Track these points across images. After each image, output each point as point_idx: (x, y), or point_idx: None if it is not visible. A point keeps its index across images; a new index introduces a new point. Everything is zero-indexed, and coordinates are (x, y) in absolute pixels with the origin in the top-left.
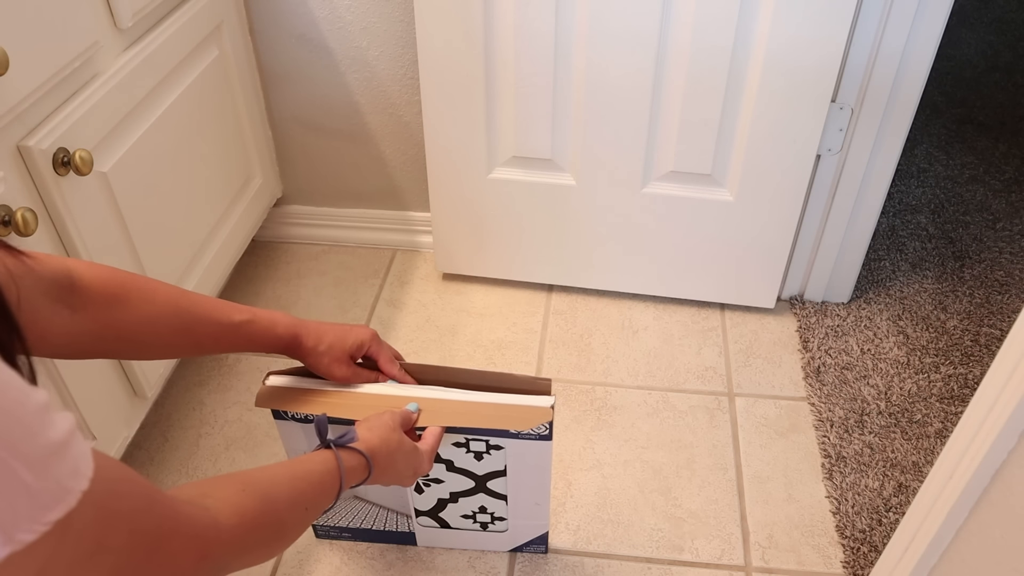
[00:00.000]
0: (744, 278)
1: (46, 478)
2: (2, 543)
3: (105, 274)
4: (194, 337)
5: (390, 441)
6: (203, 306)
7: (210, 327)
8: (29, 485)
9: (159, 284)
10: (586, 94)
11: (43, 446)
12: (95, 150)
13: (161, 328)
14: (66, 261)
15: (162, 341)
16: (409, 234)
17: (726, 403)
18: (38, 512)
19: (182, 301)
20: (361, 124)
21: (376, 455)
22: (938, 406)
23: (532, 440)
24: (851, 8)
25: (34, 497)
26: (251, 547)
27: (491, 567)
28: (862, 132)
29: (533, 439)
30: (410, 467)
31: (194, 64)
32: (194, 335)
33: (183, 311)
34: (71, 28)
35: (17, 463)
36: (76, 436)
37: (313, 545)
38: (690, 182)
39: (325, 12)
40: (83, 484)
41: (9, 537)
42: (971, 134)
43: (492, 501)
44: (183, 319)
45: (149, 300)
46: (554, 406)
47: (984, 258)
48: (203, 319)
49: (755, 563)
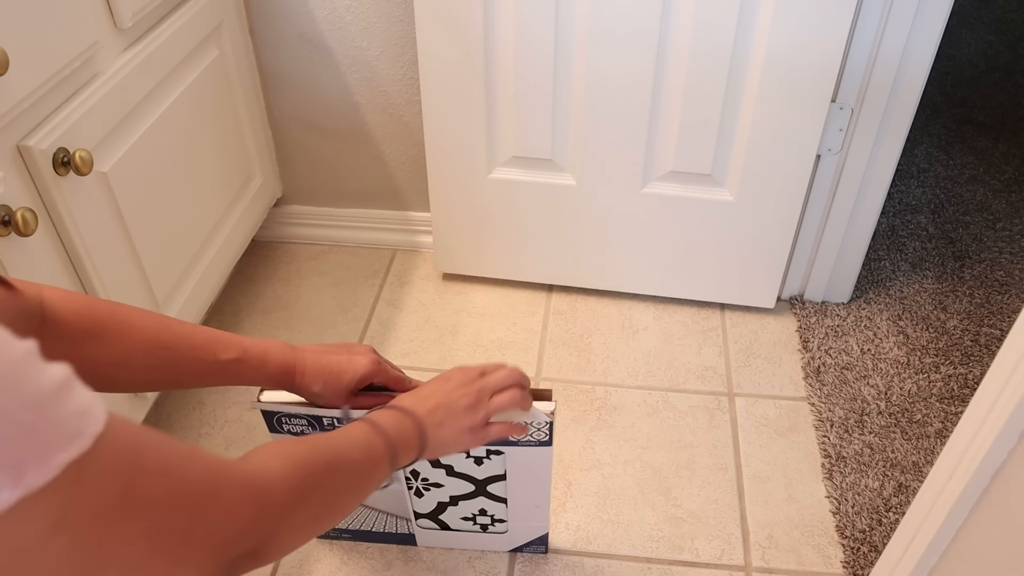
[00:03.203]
0: (744, 278)
1: (49, 418)
2: (10, 485)
3: (79, 307)
4: (173, 375)
5: (436, 392)
6: (186, 342)
7: (192, 365)
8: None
9: (138, 317)
10: (586, 94)
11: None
12: (95, 150)
13: (136, 367)
14: (41, 290)
15: (137, 379)
16: (409, 234)
17: (726, 403)
18: (45, 452)
19: (162, 337)
20: (361, 124)
21: (418, 409)
22: (938, 406)
23: (532, 446)
24: (851, 8)
25: (38, 437)
26: (306, 503)
27: (491, 567)
28: (862, 132)
29: (533, 445)
30: (466, 418)
31: (194, 64)
32: (173, 373)
33: (162, 348)
34: (71, 28)
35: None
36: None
37: (313, 545)
38: (690, 182)
39: (325, 12)
40: (95, 427)
41: (17, 479)
42: (971, 134)
43: (492, 504)
44: (161, 357)
45: (124, 337)
46: (554, 412)
47: (984, 258)
48: (184, 357)
49: (755, 563)
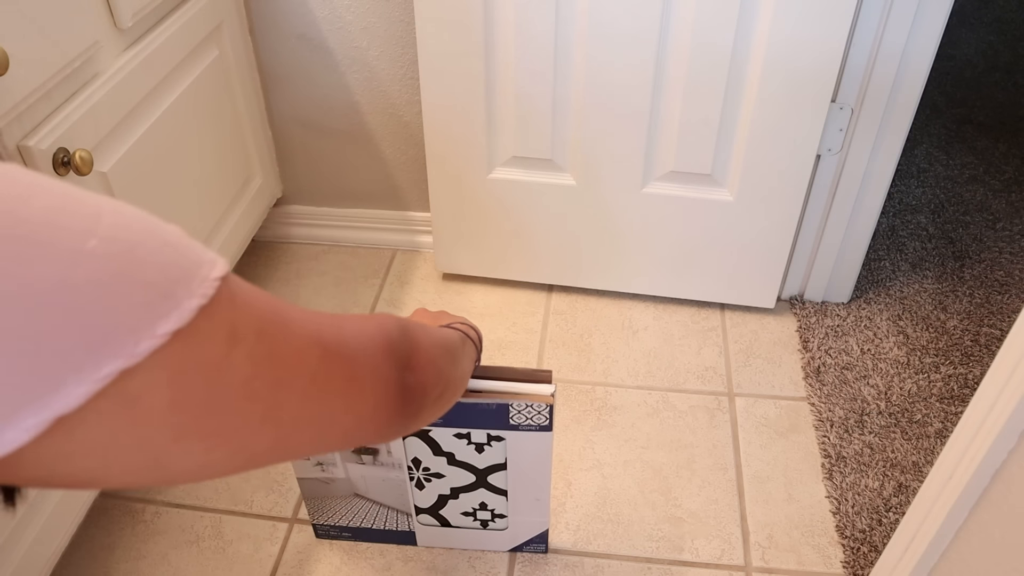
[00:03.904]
0: (744, 278)
1: (189, 245)
2: (187, 296)
3: None
4: None
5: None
6: None
7: None
8: (177, 249)
9: None
10: (586, 94)
11: (170, 228)
12: (95, 150)
13: None
14: None
15: None
16: (409, 234)
17: (726, 403)
18: (198, 270)
19: None
20: (361, 124)
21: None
22: (938, 406)
23: (532, 431)
24: (851, 8)
25: (186, 259)
26: (442, 355)
27: (491, 567)
28: (862, 132)
29: (534, 430)
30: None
31: (194, 64)
32: None
33: None
34: (71, 28)
35: (156, 240)
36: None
37: (313, 545)
38: (690, 182)
39: (325, 12)
40: (214, 272)
41: (188, 293)
42: (971, 134)
43: (492, 497)
44: None
45: None
46: (554, 394)
47: (984, 258)
48: None
49: (755, 563)
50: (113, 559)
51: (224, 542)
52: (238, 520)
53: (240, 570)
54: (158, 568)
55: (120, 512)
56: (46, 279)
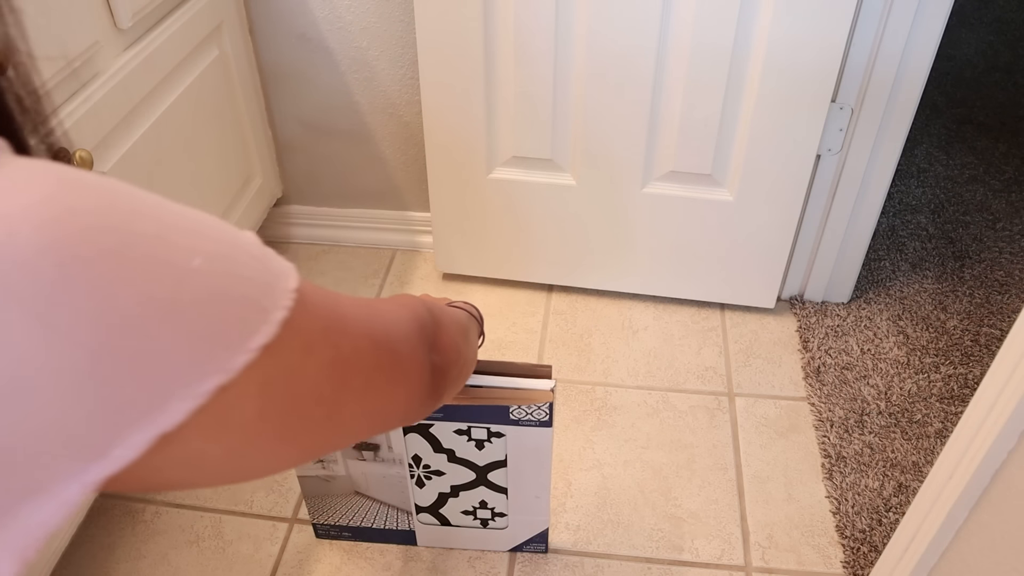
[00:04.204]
0: (744, 278)
1: (266, 256)
2: (272, 307)
3: None
4: None
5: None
6: None
7: None
8: (259, 263)
9: None
10: (586, 94)
11: (251, 240)
12: (95, 150)
13: None
14: None
15: None
16: (409, 234)
17: (726, 403)
18: (278, 282)
19: None
20: (361, 124)
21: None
22: (938, 406)
23: (532, 427)
24: (851, 8)
25: (268, 272)
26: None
27: (491, 567)
28: (862, 132)
29: (534, 425)
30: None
31: (194, 64)
32: None
33: None
34: (71, 28)
35: (242, 252)
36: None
37: (313, 545)
38: (690, 182)
39: (325, 12)
40: (292, 282)
41: (272, 307)
42: (971, 134)
43: (493, 495)
44: None
45: None
46: (554, 390)
47: (984, 258)
48: None
49: (755, 563)
50: (113, 559)
51: (224, 542)
52: (238, 520)
53: (240, 570)
54: (158, 568)
55: (120, 512)
56: (159, 298)
